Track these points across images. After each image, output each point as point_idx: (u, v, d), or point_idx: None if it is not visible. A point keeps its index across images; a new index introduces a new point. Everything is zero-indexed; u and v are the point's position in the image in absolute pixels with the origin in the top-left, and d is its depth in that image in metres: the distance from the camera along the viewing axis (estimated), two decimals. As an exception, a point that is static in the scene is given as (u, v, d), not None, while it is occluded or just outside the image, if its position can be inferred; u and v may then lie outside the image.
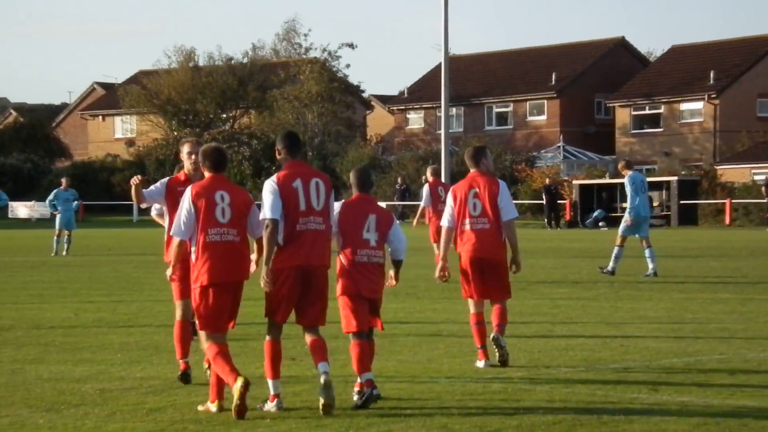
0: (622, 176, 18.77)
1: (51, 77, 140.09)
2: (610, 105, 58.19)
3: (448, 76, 44.18)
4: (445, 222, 9.02)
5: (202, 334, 7.11)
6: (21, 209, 52.71)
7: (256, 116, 61.01)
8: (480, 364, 8.86)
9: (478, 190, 8.83)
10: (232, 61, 61.89)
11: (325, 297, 7.29)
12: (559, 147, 56.19)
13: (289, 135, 7.34)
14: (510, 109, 60.09)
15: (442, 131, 45.27)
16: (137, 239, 33.56)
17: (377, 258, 7.49)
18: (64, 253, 24.74)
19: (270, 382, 7.17)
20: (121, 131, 67.19)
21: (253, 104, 60.82)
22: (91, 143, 68.08)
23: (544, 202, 45.57)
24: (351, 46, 60.30)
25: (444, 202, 17.30)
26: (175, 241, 7.15)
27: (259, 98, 60.03)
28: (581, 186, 46.95)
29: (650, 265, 17.49)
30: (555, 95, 58.53)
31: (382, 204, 51.18)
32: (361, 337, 7.43)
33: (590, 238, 34.23)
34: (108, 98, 68.59)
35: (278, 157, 7.27)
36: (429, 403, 7.40)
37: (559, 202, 45.74)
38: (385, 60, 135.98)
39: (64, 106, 78.27)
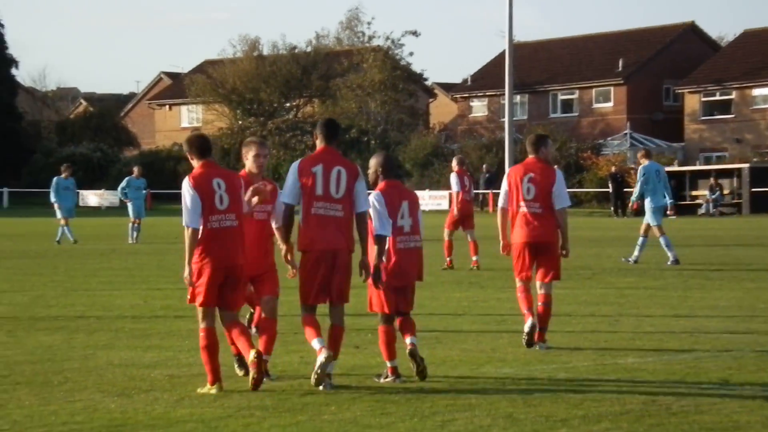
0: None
1: (119, 67, 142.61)
2: (679, 91, 57.14)
3: (512, 63, 43.80)
4: (500, 204, 9.51)
5: (199, 311, 7.32)
6: (91, 197, 53.78)
7: (319, 105, 61.25)
8: (527, 324, 9.21)
9: (533, 175, 9.20)
10: (296, 50, 62.17)
11: (347, 277, 7.50)
12: (625, 134, 55.39)
13: (328, 122, 7.65)
14: (575, 96, 59.40)
15: (506, 119, 44.93)
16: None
17: (415, 242, 7.73)
18: (132, 240, 25.19)
19: (315, 340, 7.37)
20: (187, 120, 68.03)
21: (317, 93, 61.07)
22: (158, 132, 69.09)
23: (610, 190, 45.00)
24: (414, 33, 60.19)
25: (468, 191, 18.55)
26: (189, 231, 7.20)
27: (322, 87, 60.26)
28: (648, 174, 46.24)
29: (670, 254, 17.67)
30: (622, 82, 57.68)
31: (444, 192, 51.19)
32: (389, 321, 7.71)
33: (657, 226, 33.68)
34: (174, 88, 69.51)
35: (315, 140, 7.58)
36: (493, 392, 7.36)
37: (625, 190, 45.13)
38: (449, 48, 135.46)
39: (132, 95, 79.55)
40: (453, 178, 17.96)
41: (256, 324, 8.16)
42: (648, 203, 17.80)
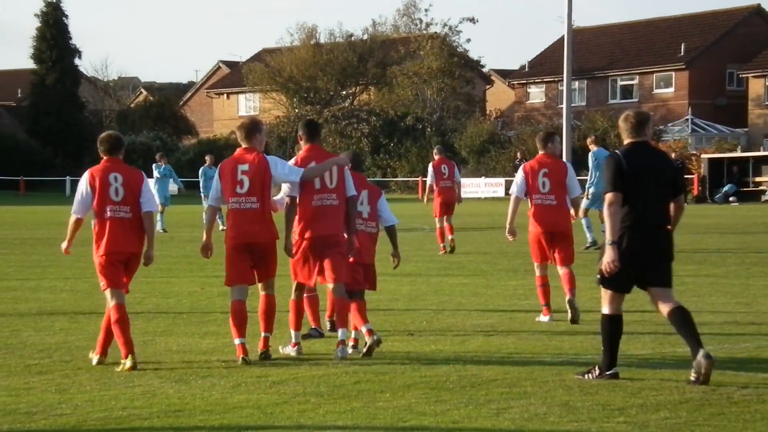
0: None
1: (179, 56, 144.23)
2: (743, 76, 55.94)
3: (571, 49, 43.27)
4: (514, 192, 10.33)
5: (107, 292, 7.98)
6: (152, 185, 54.45)
7: (375, 93, 61.25)
8: (544, 319, 10.07)
9: (547, 170, 10.10)
10: (353, 38, 62.23)
11: (341, 257, 8.24)
12: (687, 120, 54.44)
13: (309, 123, 8.53)
14: (635, 81, 58.53)
15: (564, 105, 44.39)
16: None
17: (371, 228, 8.65)
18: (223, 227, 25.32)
19: (293, 333, 8.37)
20: (245, 109, 68.52)
21: (373, 81, 61.07)
22: (216, 121, 69.74)
23: (669, 176, 44.29)
24: (472, 20, 59.83)
25: (447, 178, 19.01)
26: (72, 218, 8.10)
27: (378, 74, 60.23)
28: (710, 160, 45.39)
29: (588, 236, 17.79)
30: (684, 66, 56.66)
31: (500, 180, 50.76)
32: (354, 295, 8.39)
33: (719, 213, 33.11)
34: (232, 76, 70.06)
35: (299, 142, 8.42)
36: (550, 380, 7.29)
37: (686, 176, 44.39)
38: (506, 34, 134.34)
39: (190, 84, 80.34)
40: (429, 170, 18.72)
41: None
42: (593, 188, 17.74)
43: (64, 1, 62.37)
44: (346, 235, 8.27)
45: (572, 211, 10.39)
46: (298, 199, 8.18)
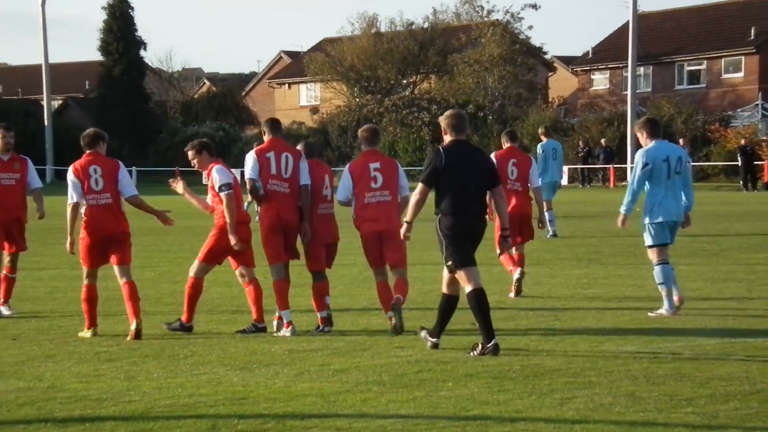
0: None
1: (241, 47, 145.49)
2: (816, 60, 54.50)
3: (636, 34, 42.65)
4: None
5: (85, 271, 8.91)
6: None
7: (436, 81, 61.04)
8: (516, 274, 11.02)
9: (516, 160, 11.50)
10: (413, 26, 62.06)
11: (295, 236, 9.20)
12: (757, 105, 53.20)
13: (272, 120, 9.41)
14: (703, 66, 57.37)
15: (629, 92, 43.85)
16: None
17: (330, 210, 9.37)
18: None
19: (283, 312, 8.91)
20: (306, 99, 68.86)
21: (434, 69, 60.84)
22: (277, 111, 70.13)
23: (739, 163, 43.41)
24: (534, 7, 59.20)
25: None
26: (71, 206, 8.99)
27: (439, 63, 60.00)
28: (781, 146, 44.37)
29: (550, 228, 17.79)
30: (754, 51, 55.33)
31: (563, 168, 50.18)
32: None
33: (789, 201, 32.34)
34: (294, 66, 70.42)
35: (264, 136, 9.27)
36: (615, 370, 7.20)
37: (756, 163, 43.44)
38: (570, 20, 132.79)
39: (253, 75, 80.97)
40: None
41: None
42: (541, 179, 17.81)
43: (130, -7, 63.28)
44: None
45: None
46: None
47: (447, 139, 8.01)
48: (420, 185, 7.89)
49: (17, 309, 10.47)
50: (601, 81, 60.94)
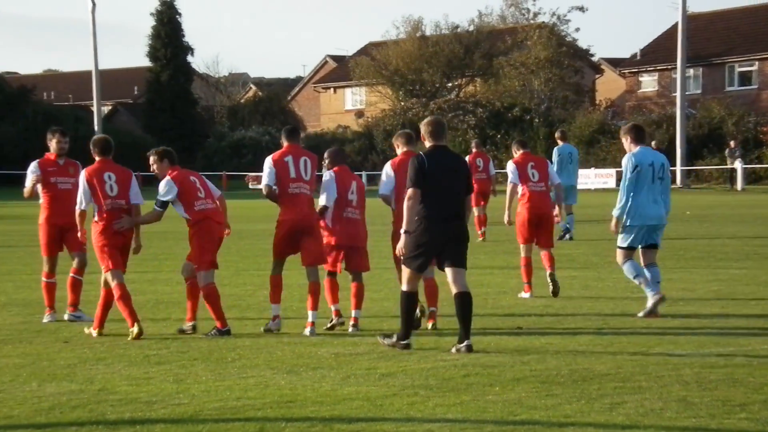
0: None
1: (287, 52, 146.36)
2: None
3: (685, 35, 42.14)
4: (510, 182, 12.05)
5: (109, 273, 9.15)
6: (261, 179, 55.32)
7: (481, 84, 60.87)
8: (525, 295, 11.38)
9: (534, 163, 12.06)
10: (458, 30, 61.99)
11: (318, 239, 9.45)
12: (810, 106, 52.30)
13: (291, 128, 9.67)
14: (755, 68, 56.46)
15: (678, 93, 43.33)
16: (374, 208, 34.41)
17: (358, 215, 9.60)
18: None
19: (273, 306, 9.30)
20: (351, 103, 69.06)
21: (479, 72, 60.70)
22: (323, 115, 70.48)
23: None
24: (581, 9, 58.79)
25: (482, 171, 20.36)
26: (78, 211, 9.36)
27: (484, 66, 59.83)
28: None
29: (568, 232, 18.63)
30: (807, 51, 54.43)
31: (611, 170, 49.68)
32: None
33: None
34: (339, 71, 70.68)
35: (282, 142, 9.51)
36: (665, 375, 7.11)
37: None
38: (617, 22, 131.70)
39: (298, 79, 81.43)
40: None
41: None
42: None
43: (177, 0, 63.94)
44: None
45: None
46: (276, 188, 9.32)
47: (426, 145, 8.31)
48: (410, 190, 8.12)
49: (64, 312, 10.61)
50: (649, 83, 60.30)
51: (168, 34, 62.61)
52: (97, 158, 9.39)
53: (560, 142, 19.75)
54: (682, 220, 25.26)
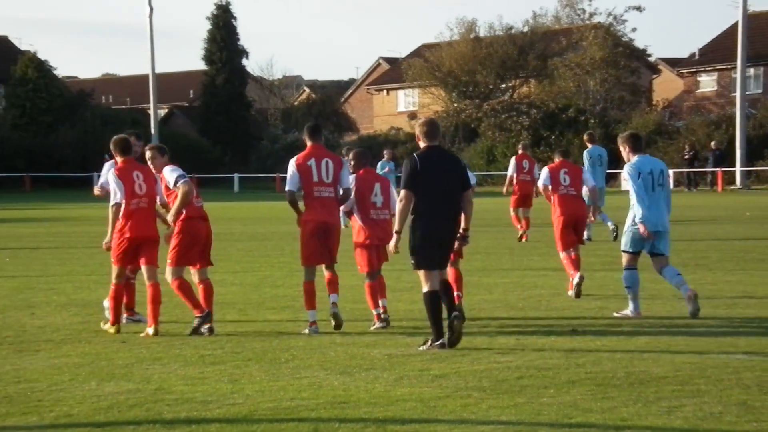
0: None
1: (340, 54, 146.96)
2: None
3: (746, 35, 41.43)
4: (541, 184, 12.57)
5: (116, 268, 9.37)
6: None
7: (535, 85, 60.48)
8: (575, 279, 11.54)
9: (567, 169, 12.56)
10: (512, 31, 61.68)
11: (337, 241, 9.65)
12: None
13: (314, 126, 9.73)
14: (817, 67, 55.34)
15: (738, 93, 42.61)
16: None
17: (385, 215, 9.74)
18: None
19: (309, 312, 9.38)
20: (404, 104, 69.05)
21: (533, 73, 60.30)
22: (375, 117, 70.60)
23: None
24: (638, 9, 58.05)
25: (527, 173, 20.92)
26: (114, 205, 9.35)
27: (539, 67, 59.42)
28: None
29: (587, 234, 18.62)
30: None
31: (668, 171, 49.17)
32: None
33: None
34: (392, 72, 70.74)
35: (305, 140, 9.61)
36: (725, 378, 6.98)
37: None
38: (675, 21, 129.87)
39: (351, 81, 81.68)
40: (511, 163, 20.59)
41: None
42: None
43: (233, 3, 64.55)
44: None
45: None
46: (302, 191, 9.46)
47: (421, 145, 8.47)
48: (403, 192, 8.28)
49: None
50: (708, 83, 59.38)
51: (223, 38, 63.22)
52: (119, 158, 9.51)
53: (589, 145, 19.91)
54: (742, 222, 24.84)
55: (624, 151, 10.11)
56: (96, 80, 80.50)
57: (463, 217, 8.48)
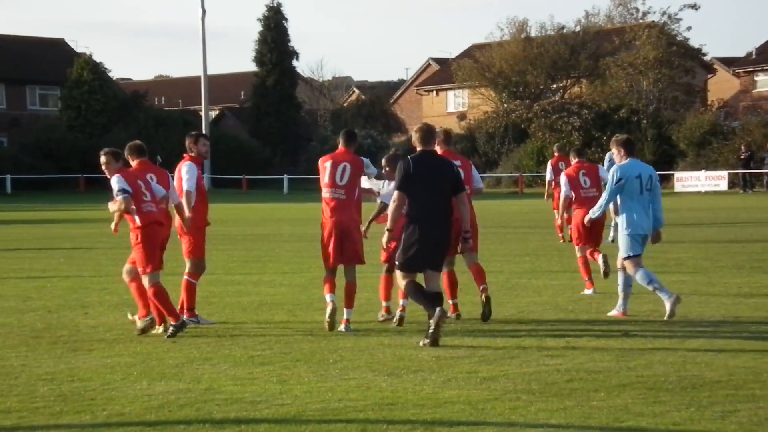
0: None
1: (390, 55, 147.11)
2: None
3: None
4: (563, 196, 12.66)
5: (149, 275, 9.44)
6: (363, 182, 55.67)
7: (587, 85, 59.94)
8: (588, 292, 11.93)
9: (585, 171, 12.67)
10: (564, 30, 61.21)
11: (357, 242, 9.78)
12: None
13: (348, 132, 10.08)
14: None
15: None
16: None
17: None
18: None
19: (327, 296, 9.59)
20: (454, 105, 68.91)
21: (585, 73, 59.79)
22: (425, 118, 70.38)
23: None
24: (693, 7, 57.26)
25: None
26: (127, 198, 9.42)
27: (591, 67, 58.88)
28: None
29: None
30: None
31: (722, 173, 48.31)
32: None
33: None
34: (442, 73, 70.61)
35: (338, 143, 10.03)
36: (780, 385, 6.84)
37: None
38: (731, 20, 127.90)
39: (401, 82, 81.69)
40: (548, 168, 20.69)
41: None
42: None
43: (284, 4, 64.85)
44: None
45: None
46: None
47: (417, 149, 8.84)
48: (396, 193, 8.68)
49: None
50: (765, 82, 58.38)
51: (274, 39, 63.59)
52: (133, 162, 9.76)
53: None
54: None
55: (617, 154, 10.33)
56: (149, 82, 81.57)
57: (461, 219, 8.84)
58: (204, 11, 56.65)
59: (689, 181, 47.76)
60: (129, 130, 57.53)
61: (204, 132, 58.14)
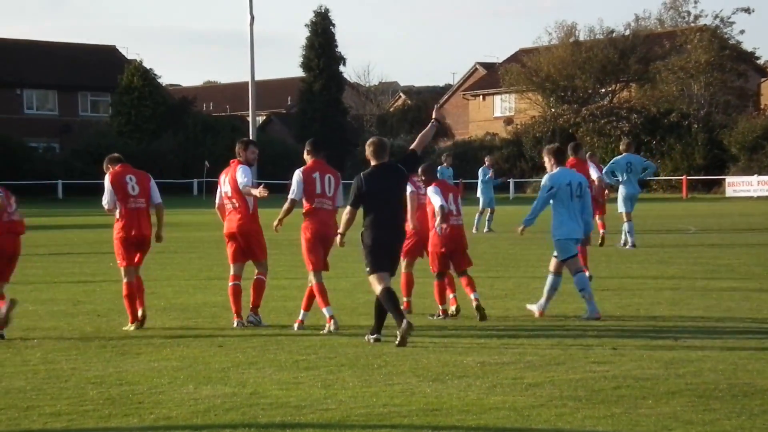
0: None
1: (437, 60, 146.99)
2: None
3: None
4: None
5: (122, 269, 10.33)
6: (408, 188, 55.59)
7: (636, 90, 59.30)
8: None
9: (576, 169, 12.20)
10: (613, 34, 60.66)
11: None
12: None
13: (314, 141, 10.50)
14: None
15: None
16: (514, 215, 34.05)
17: (460, 221, 10.94)
18: (484, 230, 25.38)
19: (324, 309, 9.89)
20: (500, 110, 68.63)
21: (634, 77, 59.18)
22: (471, 123, 70.32)
23: None
24: (747, 10, 56.46)
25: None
26: (106, 209, 10.38)
27: (640, 71, 58.26)
28: None
29: (629, 239, 18.78)
30: None
31: (767, 177, 47.45)
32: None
33: None
34: (489, 78, 70.39)
35: (307, 156, 10.34)
36: (834, 394, 6.69)
37: None
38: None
39: (447, 87, 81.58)
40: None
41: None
42: (621, 190, 18.95)
43: (332, 10, 65.11)
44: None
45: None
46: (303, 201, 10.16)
47: (371, 164, 9.30)
48: (348, 207, 9.27)
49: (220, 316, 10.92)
50: (820, 86, 57.30)
51: (321, 45, 63.88)
52: (116, 165, 10.48)
53: (622, 153, 19.84)
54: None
55: (548, 162, 10.75)
56: (198, 88, 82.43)
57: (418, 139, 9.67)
58: (252, 17, 57.03)
59: (741, 186, 47.07)
60: (178, 136, 58.25)
61: (251, 138, 58.73)
